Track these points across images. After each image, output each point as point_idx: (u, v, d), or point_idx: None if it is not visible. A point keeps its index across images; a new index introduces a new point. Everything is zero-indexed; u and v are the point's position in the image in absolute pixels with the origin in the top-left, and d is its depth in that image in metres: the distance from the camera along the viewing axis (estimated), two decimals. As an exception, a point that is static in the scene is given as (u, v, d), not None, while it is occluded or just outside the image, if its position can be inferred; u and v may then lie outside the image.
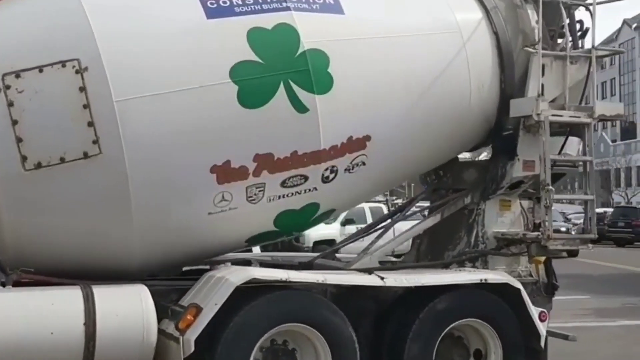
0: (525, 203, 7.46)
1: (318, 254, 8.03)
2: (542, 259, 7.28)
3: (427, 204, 8.04)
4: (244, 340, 5.71)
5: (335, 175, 6.25)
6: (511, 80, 7.02)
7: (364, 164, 6.36)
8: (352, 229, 22.35)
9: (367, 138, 6.29)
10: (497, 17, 7.02)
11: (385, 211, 24.07)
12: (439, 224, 7.41)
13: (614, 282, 18.45)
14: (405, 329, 6.32)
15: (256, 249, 7.98)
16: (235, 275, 5.78)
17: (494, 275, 6.70)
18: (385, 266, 7.14)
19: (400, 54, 6.49)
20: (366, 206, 24.76)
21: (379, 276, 6.27)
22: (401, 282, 6.35)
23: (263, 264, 7.25)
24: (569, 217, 33.59)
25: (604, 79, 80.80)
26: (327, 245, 21.54)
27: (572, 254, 26.12)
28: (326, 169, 6.18)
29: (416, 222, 7.57)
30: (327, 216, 6.81)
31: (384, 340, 6.46)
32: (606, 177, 66.18)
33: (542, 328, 6.73)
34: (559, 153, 7.21)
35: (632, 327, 11.79)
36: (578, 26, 7.48)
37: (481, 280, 6.56)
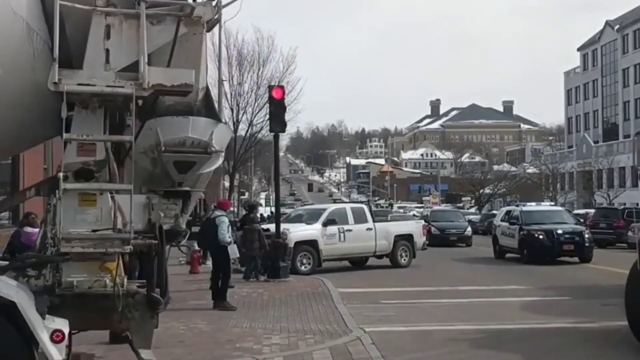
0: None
1: None
2: (112, 265, 6.21)
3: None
4: None
5: None
6: (65, 44, 5.85)
7: None
8: (333, 229, 22.24)
9: None
10: None
11: (367, 212, 23.97)
12: None
13: (594, 284, 18.40)
14: None
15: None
16: None
17: None
18: None
19: None
20: (347, 207, 24.62)
21: None
22: None
23: None
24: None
25: (586, 80, 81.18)
26: (309, 246, 21.54)
27: (585, 259, 25.00)
28: None
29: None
30: None
31: None
32: (588, 179, 66.50)
33: (53, 351, 5.50)
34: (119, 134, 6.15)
35: (610, 328, 11.69)
36: None
37: None
